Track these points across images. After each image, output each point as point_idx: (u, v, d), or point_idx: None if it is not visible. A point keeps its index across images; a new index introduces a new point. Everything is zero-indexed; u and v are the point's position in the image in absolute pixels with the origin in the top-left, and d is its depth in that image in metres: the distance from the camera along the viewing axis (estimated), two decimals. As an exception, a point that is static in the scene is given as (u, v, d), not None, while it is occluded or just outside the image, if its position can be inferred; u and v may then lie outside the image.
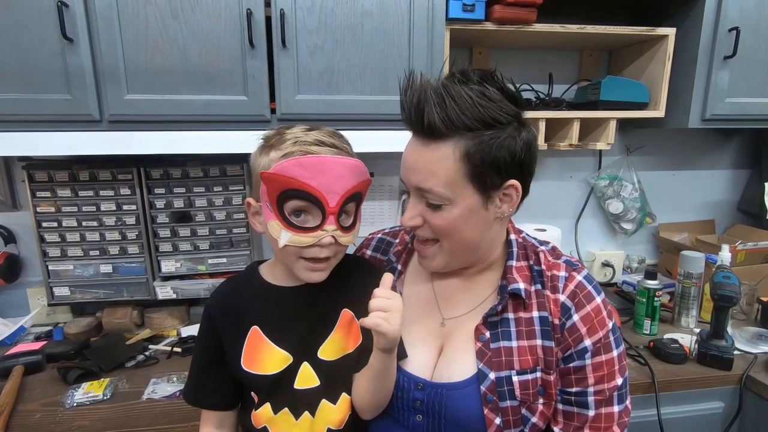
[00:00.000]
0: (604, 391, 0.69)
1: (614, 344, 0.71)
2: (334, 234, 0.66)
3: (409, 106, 0.65)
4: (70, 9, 1.04)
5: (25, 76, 1.06)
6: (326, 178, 0.64)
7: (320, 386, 0.71)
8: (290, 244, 0.65)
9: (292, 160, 0.63)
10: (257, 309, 0.72)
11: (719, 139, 1.80)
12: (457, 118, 0.62)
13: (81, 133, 1.11)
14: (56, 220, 1.30)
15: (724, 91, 1.37)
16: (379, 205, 1.63)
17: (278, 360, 0.70)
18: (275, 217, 0.66)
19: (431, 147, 0.65)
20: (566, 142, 1.45)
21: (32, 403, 1.02)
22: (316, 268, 0.68)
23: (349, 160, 0.67)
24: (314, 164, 0.64)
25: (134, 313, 1.38)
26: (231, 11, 1.10)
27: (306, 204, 0.65)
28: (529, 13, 1.27)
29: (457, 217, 0.67)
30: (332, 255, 0.69)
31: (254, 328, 0.71)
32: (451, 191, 0.66)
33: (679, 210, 1.83)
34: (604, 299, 0.73)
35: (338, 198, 0.65)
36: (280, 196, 0.64)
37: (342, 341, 0.73)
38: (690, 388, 1.13)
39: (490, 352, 0.71)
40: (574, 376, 0.70)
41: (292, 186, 0.63)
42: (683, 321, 1.39)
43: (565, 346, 0.70)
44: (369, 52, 1.17)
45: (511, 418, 0.69)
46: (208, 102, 1.13)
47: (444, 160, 0.64)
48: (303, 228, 0.65)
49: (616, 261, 1.73)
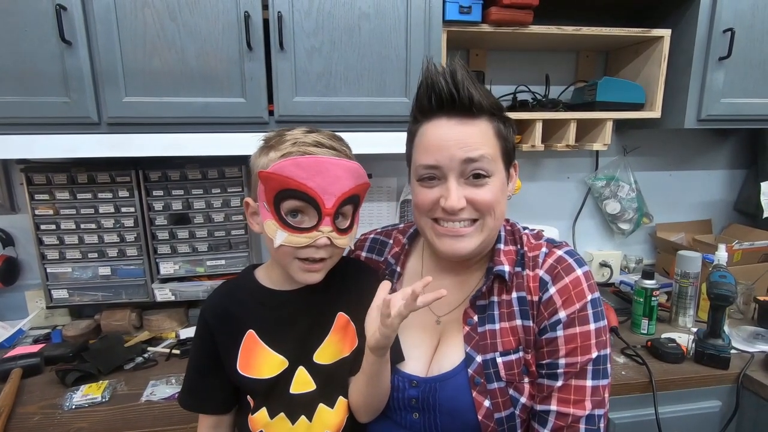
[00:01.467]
0: (576, 363, 0.67)
1: (593, 317, 0.69)
2: (329, 235, 0.66)
3: (445, 84, 0.67)
4: (69, 12, 1.04)
5: (24, 79, 1.07)
6: (323, 179, 0.64)
7: (316, 390, 0.71)
8: (286, 244, 0.65)
9: (289, 159, 0.64)
10: (253, 313, 0.72)
11: (715, 139, 1.81)
12: (486, 99, 0.68)
13: (79, 135, 1.11)
14: (54, 223, 1.30)
15: (720, 91, 1.38)
16: (377, 207, 1.63)
17: (274, 364, 0.70)
18: (272, 216, 0.66)
19: (473, 122, 0.68)
20: (563, 143, 1.46)
21: (31, 405, 1.02)
22: (311, 269, 0.68)
23: (348, 162, 0.67)
24: (312, 165, 0.64)
25: (133, 316, 1.38)
26: (229, 14, 1.10)
27: (302, 204, 0.65)
28: (525, 14, 1.28)
29: (498, 190, 0.71)
30: (328, 256, 0.69)
31: (250, 332, 0.71)
32: (494, 165, 0.70)
33: (676, 210, 1.83)
34: (587, 272, 0.72)
35: (335, 199, 0.65)
36: (277, 195, 0.64)
37: (338, 345, 0.73)
38: (687, 387, 1.13)
39: (477, 336, 0.72)
40: (546, 348, 0.69)
41: (289, 186, 0.63)
42: (680, 320, 1.39)
43: (540, 319, 0.70)
44: (366, 54, 1.18)
45: (500, 399, 0.69)
46: (206, 104, 1.14)
47: (487, 135, 0.69)
48: (299, 228, 0.66)
49: (613, 261, 1.74)
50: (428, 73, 0.69)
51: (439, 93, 0.67)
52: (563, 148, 1.46)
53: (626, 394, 1.11)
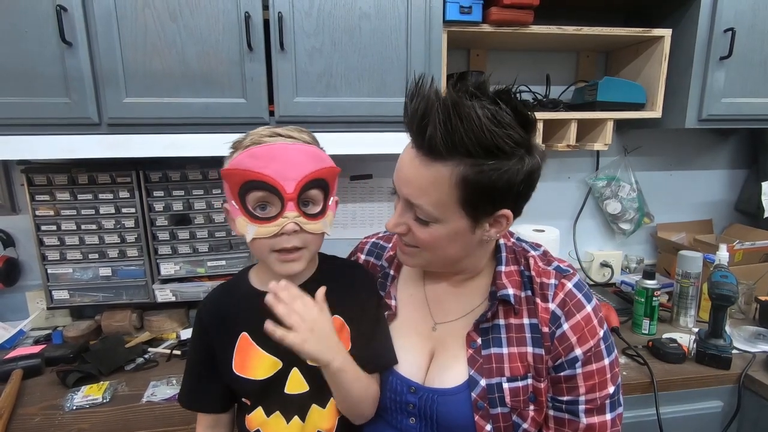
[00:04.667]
0: (596, 400, 0.68)
1: (605, 352, 0.70)
2: (296, 221, 0.66)
3: (412, 114, 0.61)
4: (69, 13, 1.04)
5: (25, 80, 1.07)
6: (279, 165, 0.65)
7: (309, 391, 0.71)
8: (257, 237, 0.66)
9: (245, 152, 0.65)
10: (246, 314, 0.72)
11: (716, 139, 1.80)
12: (461, 141, 0.57)
13: (80, 136, 1.11)
14: (55, 224, 1.30)
15: (720, 91, 1.38)
16: (378, 207, 1.63)
17: (267, 365, 0.70)
18: (240, 212, 0.67)
19: (428, 166, 0.61)
20: (564, 143, 1.45)
21: (32, 406, 1.02)
22: (286, 258, 0.67)
23: (303, 146, 0.67)
24: (265, 153, 0.65)
25: (133, 316, 1.38)
26: (229, 14, 1.10)
27: (265, 194, 0.65)
28: (525, 14, 1.28)
29: (443, 236, 0.66)
30: (302, 245, 0.68)
31: (243, 335, 0.71)
32: (440, 212, 0.64)
33: (677, 210, 1.83)
34: (595, 307, 0.71)
35: (295, 184, 0.65)
36: (240, 190, 0.65)
37: None
38: (689, 387, 1.13)
39: (481, 359, 0.70)
40: (565, 384, 0.69)
41: (248, 177, 0.64)
42: (681, 320, 1.39)
43: (556, 354, 0.69)
44: (367, 54, 1.18)
45: (502, 424, 0.68)
46: (207, 105, 1.14)
47: (439, 182, 0.61)
48: (266, 218, 0.66)
49: (614, 261, 1.73)
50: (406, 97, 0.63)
51: (409, 123, 0.63)
52: (564, 148, 1.46)
53: (627, 395, 1.10)
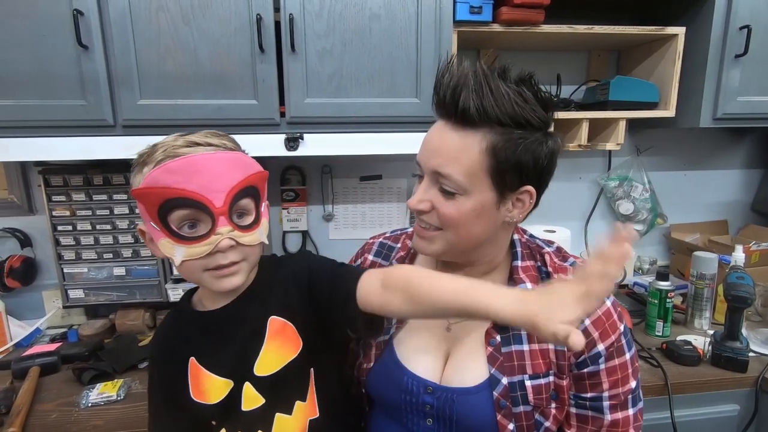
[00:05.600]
0: (619, 395, 0.69)
1: (626, 347, 0.70)
2: (231, 236, 0.60)
3: (445, 88, 0.64)
4: (86, 17, 1.06)
5: (42, 82, 1.09)
6: (203, 178, 0.58)
7: (266, 403, 0.67)
8: (187, 259, 0.60)
9: (160, 168, 0.58)
10: (190, 339, 0.69)
11: (731, 138, 1.77)
12: (492, 110, 0.61)
13: (95, 138, 1.13)
14: (71, 224, 1.33)
15: (736, 89, 1.36)
16: (387, 208, 1.63)
17: (218, 387, 0.67)
18: (163, 234, 0.60)
19: (459, 133, 0.64)
20: (575, 143, 1.44)
21: (49, 403, 1.04)
22: (224, 273, 0.62)
23: (227, 154, 0.62)
24: (185, 167, 0.58)
25: (146, 315, 1.40)
26: (241, 16, 1.11)
27: (191, 211, 0.59)
28: (536, 14, 1.27)
29: (469, 210, 0.66)
30: (240, 259, 0.63)
31: (192, 360, 0.68)
32: (469, 181, 0.64)
33: (691, 210, 1.80)
34: (614, 302, 0.72)
35: (223, 196, 0.59)
36: (160, 210, 0.58)
37: (279, 351, 0.67)
38: (704, 390, 1.11)
39: (501, 357, 0.70)
40: (588, 381, 0.69)
41: (168, 195, 0.58)
42: (696, 323, 1.37)
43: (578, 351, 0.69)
44: (377, 55, 1.18)
45: (525, 423, 0.68)
46: (219, 106, 1.15)
47: (469, 148, 0.63)
48: (195, 238, 0.60)
49: (626, 262, 1.71)
50: (438, 75, 0.67)
51: (442, 96, 0.65)
52: (575, 148, 1.45)
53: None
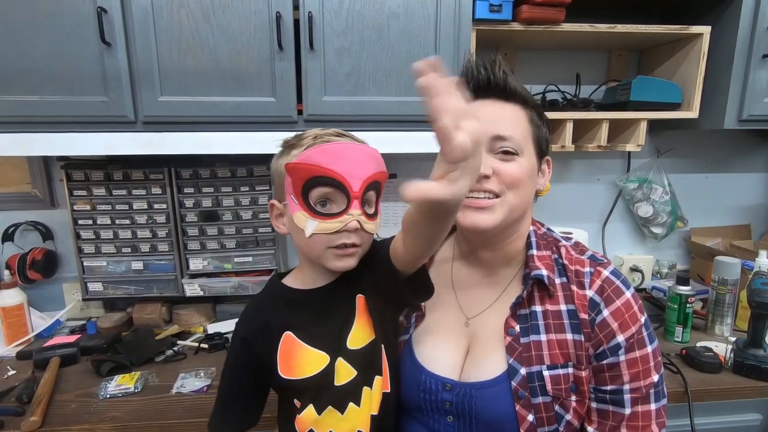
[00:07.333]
0: (641, 388, 0.67)
1: (648, 340, 0.69)
2: (359, 219, 0.67)
3: (491, 67, 0.71)
4: (109, 14, 1.08)
5: (66, 79, 1.11)
6: (348, 164, 0.66)
7: (358, 376, 0.71)
8: (317, 232, 0.66)
9: (315, 148, 0.66)
10: (287, 316, 0.73)
11: (755, 140, 1.73)
12: (522, 90, 0.72)
13: (116, 133, 1.15)
14: (91, 218, 1.35)
15: (763, 90, 1.32)
16: (402, 206, 1.63)
17: (315, 361, 0.70)
18: (301, 207, 0.67)
19: (504, 105, 0.72)
20: (594, 144, 1.42)
21: (68, 393, 1.06)
22: (345, 253, 0.69)
23: (369, 148, 0.70)
24: (336, 150, 0.66)
25: (163, 310, 1.42)
26: (261, 14, 1.12)
27: (331, 190, 0.66)
28: (557, 12, 1.25)
29: (526, 170, 0.71)
30: (359, 242, 0.69)
31: (287, 334, 0.72)
32: (525, 144, 0.71)
33: (713, 214, 1.76)
34: (634, 294, 0.71)
35: (361, 183, 0.66)
36: (305, 185, 0.66)
37: (366, 327, 0.73)
38: (725, 398, 1.08)
39: (520, 347, 0.70)
40: (608, 373, 0.68)
41: (317, 173, 0.65)
42: (717, 329, 1.34)
43: (597, 342, 0.68)
44: (395, 53, 1.18)
45: (545, 415, 0.67)
46: (238, 104, 1.16)
47: (518, 117, 0.72)
48: (328, 214, 0.67)
49: (645, 266, 1.68)
50: (467, 63, 0.74)
51: (476, 76, 0.72)
52: (594, 148, 1.42)
53: (660, 404, 1.07)
